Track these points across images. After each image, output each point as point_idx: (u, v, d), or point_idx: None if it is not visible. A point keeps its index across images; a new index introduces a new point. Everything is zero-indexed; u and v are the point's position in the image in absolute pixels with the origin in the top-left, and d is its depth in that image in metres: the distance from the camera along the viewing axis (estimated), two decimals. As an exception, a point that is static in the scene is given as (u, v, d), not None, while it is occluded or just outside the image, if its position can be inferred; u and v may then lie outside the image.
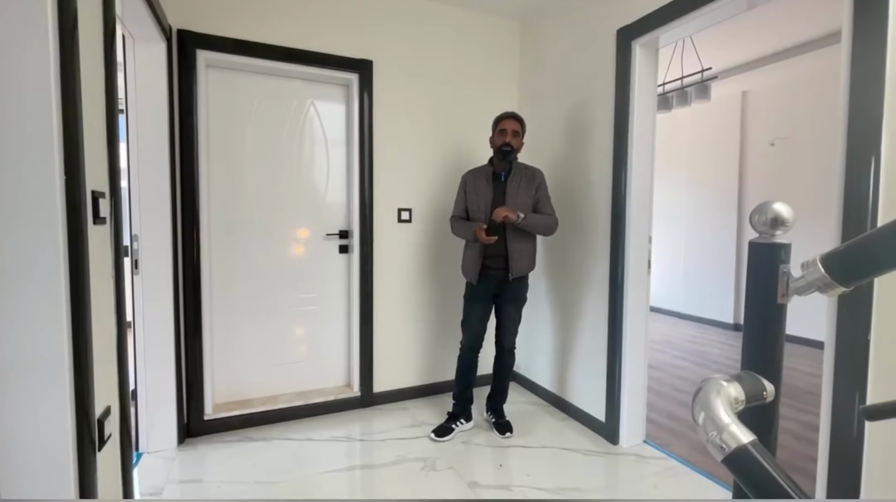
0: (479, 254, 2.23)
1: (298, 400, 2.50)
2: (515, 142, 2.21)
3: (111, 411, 1.24)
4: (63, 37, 0.97)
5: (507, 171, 2.23)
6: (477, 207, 2.25)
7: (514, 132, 2.22)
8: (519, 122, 2.24)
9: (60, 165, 0.97)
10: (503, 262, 2.21)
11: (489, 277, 2.25)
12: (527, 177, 2.25)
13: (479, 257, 2.23)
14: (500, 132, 2.23)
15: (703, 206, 4.93)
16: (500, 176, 2.24)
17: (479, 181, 2.28)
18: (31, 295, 0.96)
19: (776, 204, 0.52)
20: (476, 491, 1.84)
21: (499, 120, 2.26)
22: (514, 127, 2.22)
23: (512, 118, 2.24)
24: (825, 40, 3.51)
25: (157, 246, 2.03)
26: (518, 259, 2.20)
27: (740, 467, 0.37)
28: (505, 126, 2.22)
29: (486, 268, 2.24)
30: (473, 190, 2.28)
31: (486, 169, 2.30)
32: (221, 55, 2.23)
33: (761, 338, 0.54)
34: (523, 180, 2.23)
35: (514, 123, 2.23)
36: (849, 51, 1.32)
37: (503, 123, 2.23)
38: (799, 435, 2.34)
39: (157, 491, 1.81)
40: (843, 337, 1.32)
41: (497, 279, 2.25)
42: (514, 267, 2.19)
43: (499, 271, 2.23)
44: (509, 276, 2.20)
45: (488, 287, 2.27)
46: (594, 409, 2.36)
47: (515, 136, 2.22)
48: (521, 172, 2.25)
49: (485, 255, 2.23)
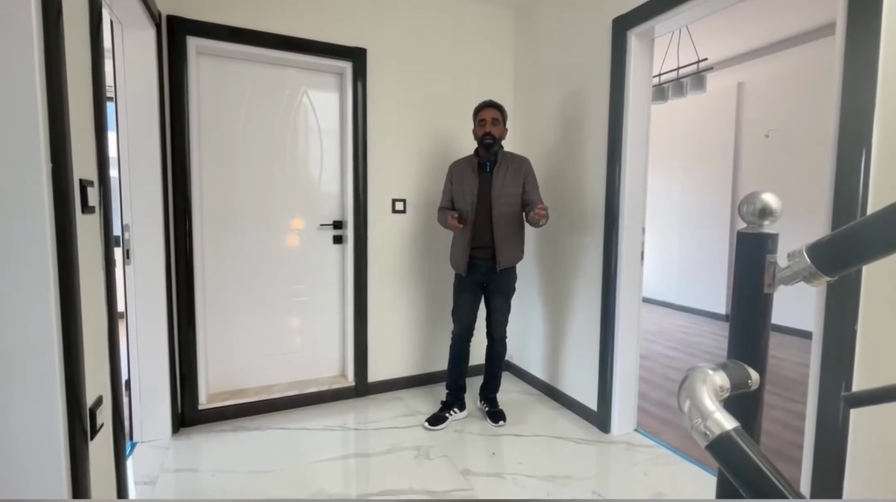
0: (466, 245, 2.22)
1: (292, 389, 2.51)
2: (497, 131, 2.19)
3: (103, 401, 1.24)
4: (47, 22, 0.95)
5: (492, 162, 2.22)
6: (463, 198, 2.23)
7: (494, 120, 2.19)
8: (498, 110, 2.21)
9: (46, 153, 0.96)
10: (491, 253, 2.21)
11: (477, 268, 2.25)
12: (513, 167, 2.23)
13: (467, 248, 2.22)
14: (479, 123, 2.21)
15: (697, 198, 4.95)
16: (486, 166, 2.23)
17: (464, 172, 2.26)
18: (19, 285, 0.95)
19: (764, 194, 0.53)
20: (469, 478, 1.86)
21: (477, 110, 2.24)
22: (493, 115, 2.19)
23: (490, 107, 2.21)
24: (821, 31, 3.50)
25: (149, 236, 2.02)
26: (505, 251, 2.20)
27: (723, 453, 0.38)
28: (484, 116, 2.20)
29: (474, 260, 2.24)
30: (459, 181, 2.26)
31: (472, 159, 2.28)
32: (212, 42, 2.19)
33: (747, 327, 0.54)
34: (510, 170, 2.21)
35: (493, 111, 2.20)
36: (842, 43, 1.32)
37: (482, 113, 2.21)
38: (786, 424, 2.38)
39: (152, 479, 1.82)
40: (831, 326, 1.34)
41: (485, 270, 2.25)
42: (501, 259, 2.19)
43: (486, 262, 2.23)
44: (497, 268, 2.20)
45: (477, 277, 2.28)
46: (586, 398, 2.38)
47: (496, 125, 2.19)
48: (508, 162, 2.23)
49: (472, 246, 2.22)
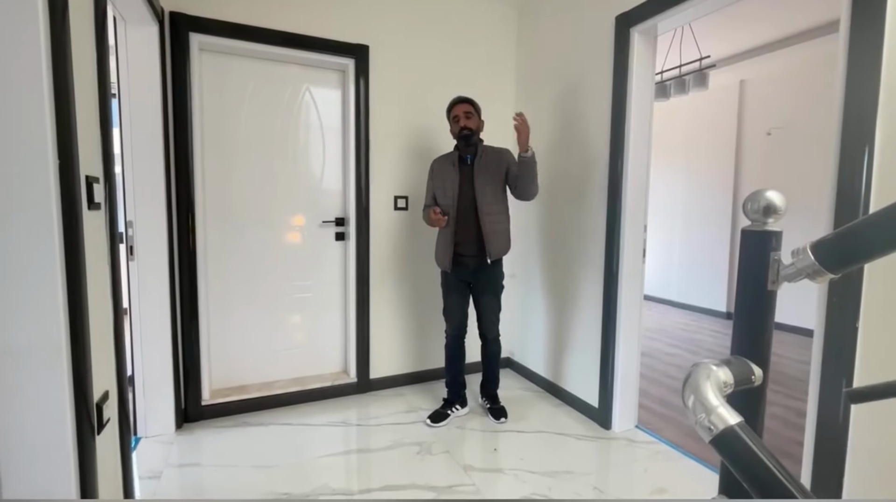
0: (449, 240, 2.21)
1: (295, 386, 2.52)
2: (472, 124, 2.19)
3: (109, 396, 1.25)
4: (53, 19, 0.95)
5: (473, 154, 2.22)
6: (444, 193, 2.23)
7: (467, 114, 2.19)
8: (469, 103, 2.22)
9: (54, 150, 0.96)
10: (476, 248, 2.19)
11: (462, 265, 2.24)
12: (494, 159, 2.22)
13: (450, 244, 2.21)
14: (453, 119, 2.23)
15: (699, 196, 4.95)
16: (467, 159, 2.23)
17: (445, 167, 2.27)
18: (28, 281, 0.96)
19: (769, 192, 0.53)
20: (471, 474, 1.87)
21: (449, 109, 2.26)
22: (465, 109, 2.20)
23: (459, 102, 2.22)
24: (824, 29, 3.49)
25: (152, 232, 2.02)
26: (494, 242, 2.18)
27: (727, 448, 0.38)
28: (456, 112, 2.21)
29: (459, 256, 2.23)
30: (441, 176, 2.26)
31: (452, 154, 2.29)
32: (215, 38, 2.19)
33: (751, 324, 0.55)
34: (491, 162, 2.21)
35: (464, 106, 2.21)
36: (846, 41, 1.31)
37: (454, 110, 2.22)
38: (787, 421, 2.39)
39: (156, 474, 1.83)
40: (832, 324, 1.34)
41: (471, 266, 2.23)
42: (491, 250, 2.17)
43: (472, 258, 2.21)
44: (487, 260, 2.18)
45: (462, 274, 2.27)
46: (588, 395, 2.39)
47: (469, 118, 2.19)
48: (489, 154, 2.23)
49: (456, 242, 2.21)
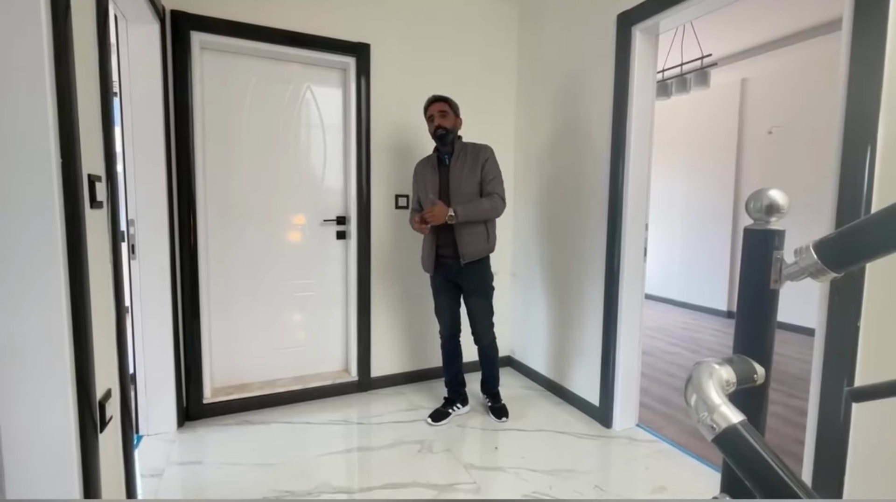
0: (432, 243, 2.22)
1: (296, 384, 2.52)
2: (447, 122, 2.16)
3: (112, 394, 1.26)
4: (56, 18, 0.95)
5: (449, 153, 2.21)
6: (425, 196, 2.21)
7: (442, 113, 2.17)
8: (444, 101, 2.19)
9: (56, 149, 0.97)
10: (454, 250, 2.18)
11: (444, 266, 2.24)
12: (472, 155, 2.19)
13: (433, 246, 2.22)
14: (429, 119, 2.21)
15: (700, 194, 4.94)
16: (445, 159, 2.22)
17: (426, 169, 2.26)
18: (30, 279, 0.96)
19: (772, 191, 0.53)
20: (472, 472, 1.88)
21: (425, 109, 2.23)
22: (440, 108, 2.17)
23: (434, 101, 2.19)
24: (825, 28, 3.49)
25: (154, 230, 2.02)
26: (468, 244, 2.15)
27: (730, 446, 0.38)
28: (431, 112, 2.19)
29: (441, 258, 2.23)
30: (422, 179, 2.26)
31: (432, 156, 2.28)
32: (216, 37, 2.19)
33: (753, 323, 0.55)
34: (467, 160, 2.18)
35: (439, 105, 2.18)
36: (848, 39, 1.31)
37: (429, 110, 2.20)
38: (788, 419, 2.39)
39: (158, 472, 1.84)
40: (834, 323, 1.34)
41: (453, 268, 2.22)
42: (464, 252, 2.14)
43: (453, 259, 2.20)
44: (461, 261, 2.16)
45: (446, 276, 2.27)
46: (589, 394, 2.39)
47: (444, 117, 2.16)
48: (466, 152, 2.20)
49: (437, 244, 2.22)
